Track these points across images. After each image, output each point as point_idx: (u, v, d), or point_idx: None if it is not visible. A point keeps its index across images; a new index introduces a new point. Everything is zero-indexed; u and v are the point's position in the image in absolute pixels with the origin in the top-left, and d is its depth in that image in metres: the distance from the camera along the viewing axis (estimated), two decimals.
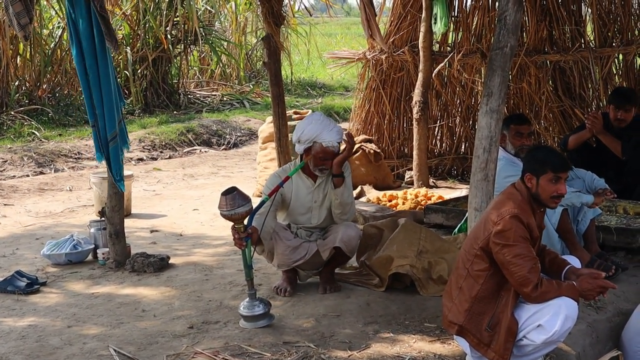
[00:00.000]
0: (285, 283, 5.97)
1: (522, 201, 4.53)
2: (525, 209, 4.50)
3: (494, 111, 5.05)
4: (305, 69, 22.69)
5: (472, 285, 4.54)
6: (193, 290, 6.13)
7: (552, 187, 4.53)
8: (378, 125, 10.66)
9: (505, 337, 4.42)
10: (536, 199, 4.56)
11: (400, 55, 10.34)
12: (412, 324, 5.32)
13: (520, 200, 4.53)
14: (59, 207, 9.32)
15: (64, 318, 5.60)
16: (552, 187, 4.53)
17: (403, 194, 8.90)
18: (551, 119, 10.00)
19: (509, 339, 4.42)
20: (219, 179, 11.14)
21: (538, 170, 4.54)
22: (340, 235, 5.81)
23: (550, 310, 4.36)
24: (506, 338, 4.42)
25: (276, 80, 8.24)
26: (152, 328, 5.34)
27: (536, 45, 9.83)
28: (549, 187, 4.53)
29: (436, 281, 5.88)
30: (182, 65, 17.66)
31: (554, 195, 4.54)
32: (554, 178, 4.52)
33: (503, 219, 4.41)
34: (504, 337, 4.42)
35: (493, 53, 5.13)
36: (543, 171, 4.53)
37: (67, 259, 6.88)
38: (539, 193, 4.54)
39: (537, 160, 4.56)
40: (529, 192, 4.56)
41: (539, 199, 4.55)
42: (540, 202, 4.57)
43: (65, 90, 15.55)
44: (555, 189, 4.54)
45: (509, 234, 4.38)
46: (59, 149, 12.26)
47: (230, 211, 5.19)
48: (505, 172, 6.07)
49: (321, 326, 5.29)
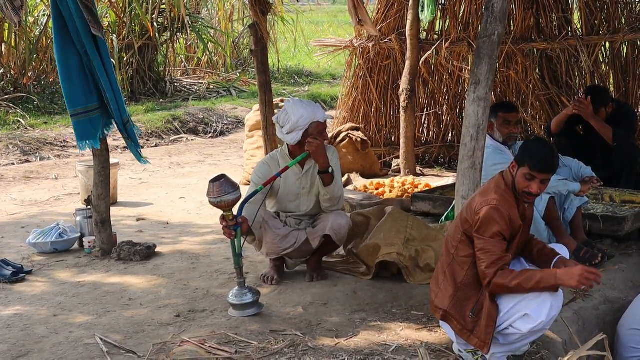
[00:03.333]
0: (272, 271, 5.96)
1: (506, 190, 4.51)
2: (507, 199, 4.48)
3: (482, 99, 5.05)
4: (292, 57, 22.63)
5: (457, 271, 4.54)
6: (180, 279, 6.12)
7: (525, 182, 4.48)
8: (365, 114, 10.66)
9: (486, 322, 4.42)
10: (513, 188, 4.53)
11: (388, 43, 10.33)
12: (399, 312, 5.33)
13: (503, 189, 4.50)
14: (44, 195, 9.28)
15: (49, 307, 5.58)
16: (525, 182, 4.48)
17: (390, 182, 8.90)
18: (538, 107, 10.02)
19: (489, 324, 4.41)
20: (206, 167, 11.11)
21: (519, 160, 4.52)
22: (331, 223, 5.79)
23: (536, 299, 4.36)
24: (487, 323, 4.41)
25: (263, 68, 8.22)
26: (139, 317, 5.33)
27: (523, 33, 9.84)
28: (522, 181, 4.48)
29: (423, 269, 5.88)
30: (169, 53, 17.59)
31: (525, 190, 4.49)
32: (528, 174, 4.47)
33: (482, 208, 4.40)
34: (485, 322, 4.42)
35: (480, 41, 5.12)
36: (522, 163, 4.50)
37: (52, 247, 6.85)
38: (516, 184, 4.52)
39: (524, 151, 4.54)
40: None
41: (515, 189, 4.52)
42: (516, 192, 4.54)
43: (51, 78, 15.46)
44: (527, 185, 4.48)
45: (484, 225, 4.38)
46: (45, 137, 12.20)
47: (218, 198, 5.18)
48: (493, 160, 6.08)
49: (308, 314, 5.29)
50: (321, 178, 5.80)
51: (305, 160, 5.88)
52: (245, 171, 9.57)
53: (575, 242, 6.22)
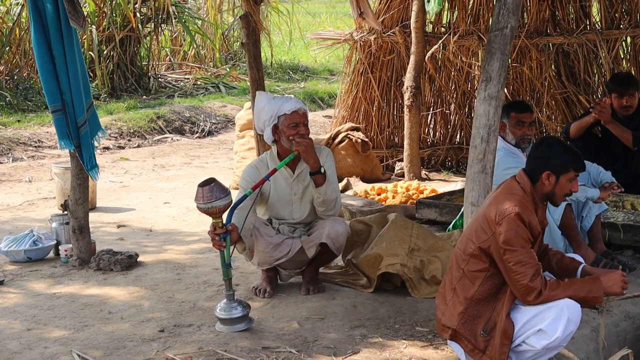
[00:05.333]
0: (264, 283, 5.97)
1: (524, 197, 4.55)
2: (527, 206, 4.51)
3: (493, 97, 5.06)
4: (286, 50, 22.64)
5: (467, 287, 4.55)
6: (164, 291, 6.12)
7: (568, 186, 4.61)
8: (366, 113, 10.67)
9: (500, 340, 4.44)
10: (547, 197, 4.60)
11: (391, 36, 10.34)
12: (403, 328, 5.33)
13: (521, 196, 4.54)
14: (17, 199, 9.28)
15: (23, 320, 5.58)
16: (568, 186, 4.61)
17: (393, 187, 8.91)
18: (554, 107, 10.04)
19: (504, 343, 4.43)
20: (192, 169, 11.12)
21: (562, 168, 4.57)
22: (327, 230, 5.81)
23: (551, 313, 4.38)
24: (502, 342, 4.44)
25: (255, 62, 8.22)
26: (120, 331, 5.33)
27: (538, 26, 9.86)
28: (566, 186, 4.60)
29: (429, 282, 5.89)
30: (152, 46, 17.59)
31: (567, 193, 4.62)
32: (573, 177, 4.60)
33: (505, 218, 4.42)
34: (499, 341, 4.44)
35: (492, 34, 5.14)
36: (566, 170, 4.57)
37: (26, 255, 6.86)
38: (555, 192, 4.59)
39: (561, 158, 4.59)
40: (539, 188, 4.58)
41: (553, 197, 4.60)
42: (552, 200, 4.61)
43: (25, 72, 15.45)
44: (570, 187, 4.62)
45: (512, 237, 4.39)
46: (18, 137, 12.20)
47: (207, 204, 5.18)
48: (505, 163, 6.08)
49: (304, 330, 5.29)
50: (312, 179, 5.83)
51: (297, 163, 5.90)
52: (235, 174, 9.57)
53: (593, 253, 6.22)
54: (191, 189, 9.23)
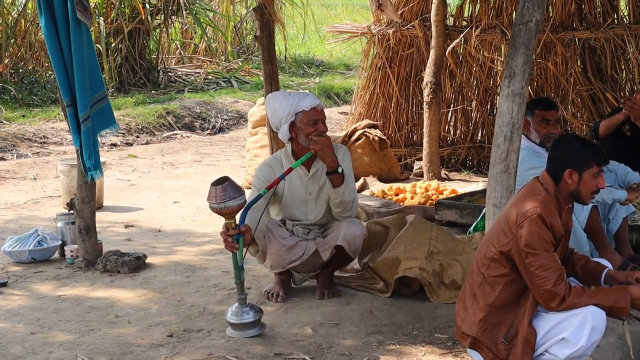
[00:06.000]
0: (277, 287, 5.95)
1: (547, 198, 4.52)
2: (550, 208, 4.49)
3: (517, 94, 5.04)
4: (301, 44, 22.66)
5: (488, 293, 4.53)
6: (173, 294, 6.12)
7: (594, 182, 4.57)
8: (384, 109, 10.66)
9: (522, 349, 4.42)
10: (573, 196, 4.57)
11: (410, 29, 10.32)
12: (421, 335, 5.31)
13: (544, 196, 4.52)
14: (21, 197, 9.30)
15: (27, 323, 5.58)
16: (594, 182, 4.57)
17: (411, 187, 8.89)
18: (579, 104, 10.01)
19: (526, 352, 4.42)
20: (203, 167, 11.13)
21: (583, 164, 4.54)
22: (343, 232, 5.79)
23: (575, 321, 4.35)
24: (523, 350, 4.42)
25: (269, 56, 8.21)
26: (127, 336, 5.32)
27: (563, 20, 9.83)
28: (591, 182, 4.56)
29: (448, 286, 5.88)
30: (162, 38, 17.63)
31: (594, 190, 4.58)
32: (597, 172, 4.55)
33: (526, 219, 4.40)
34: (521, 349, 4.42)
35: (516, 28, 5.11)
36: (588, 165, 4.54)
37: (30, 256, 6.86)
38: (580, 190, 4.56)
39: (581, 153, 4.56)
40: (563, 188, 4.55)
41: (579, 195, 4.57)
42: (578, 198, 4.58)
43: (30, 65, 15.50)
44: (596, 183, 4.58)
45: (533, 240, 4.37)
46: (22, 132, 12.23)
47: (221, 204, 5.16)
48: (529, 163, 6.06)
49: (318, 336, 5.28)
50: (330, 179, 5.80)
51: (312, 162, 5.88)
52: (247, 173, 9.57)
53: (620, 258, 6.19)
54: (201, 187, 9.29)
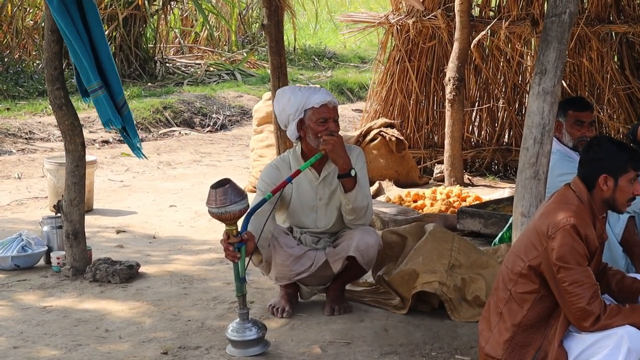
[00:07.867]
0: (283, 301, 5.96)
1: (581, 207, 4.51)
2: (583, 218, 4.48)
3: (548, 93, 5.03)
4: (312, 34, 22.68)
5: (515, 311, 4.53)
6: (168, 307, 6.13)
7: (630, 188, 4.55)
8: (402, 107, 10.67)
9: None
10: (608, 204, 4.56)
11: (432, 20, 10.33)
12: (440, 356, 5.31)
13: (577, 205, 4.51)
14: (4, 198, 9.33)
15: (9, 336, 5.60)
16: (630, 188, 4.55)
17: (431, 192, 8.89)
18: (616, 104, 10.00)
19: None
20: (203, 168, 11.15)
21: (619, 169, 4.53)
22: (356, 242, 5.78)
23: (609, 342, 4.34)
24: None
25: (277, 47, 8.23)
26: (117, 352, 5.33)
27: (599, 12, 9.83)
28: (628, 189, 4.54)
29: (471, 303, 5.88)
30: (160, 26, 17.66)
31: (631, 197, 4.58)
32: (634, 178, 4.54)
33: (559, 230, 4.39)
34: None
35: (548, 21, 5.11)
36: (624, 170, 4.53)
37: (13, 263, 6.88)
38: (616, 197, 4.54)
39: (616, 157, 4.55)
40: (597, 196, 4.54)
41: (615, 203, 4.56)
42: (614, 207, 4.57)
43: (16, 54, 15.55)
44: (633, 189, 4.56)
45: (567, 252, 4.36)
46: (6, 127, 12.27)
47: (221, 209, 5.16)
48: (560, 168, 6.05)
49: (327, 356, 5.28)
50: (341, 183, 5.79)
51: (323, 164, 5.88)
52: (251, 175, 9.59)
53: None
54: (200, 190, 9.29)
